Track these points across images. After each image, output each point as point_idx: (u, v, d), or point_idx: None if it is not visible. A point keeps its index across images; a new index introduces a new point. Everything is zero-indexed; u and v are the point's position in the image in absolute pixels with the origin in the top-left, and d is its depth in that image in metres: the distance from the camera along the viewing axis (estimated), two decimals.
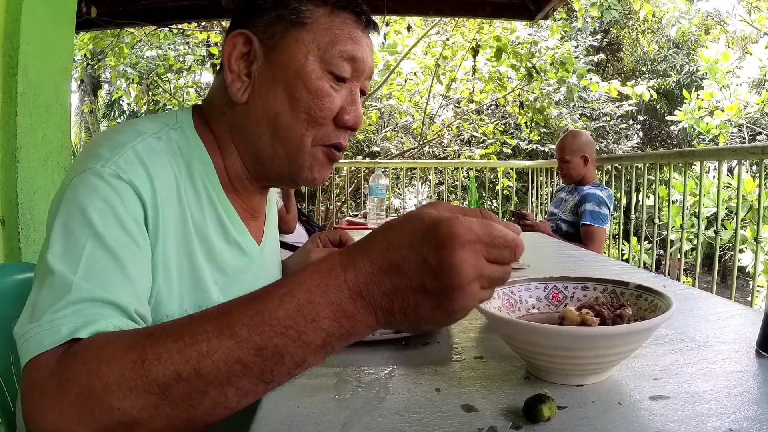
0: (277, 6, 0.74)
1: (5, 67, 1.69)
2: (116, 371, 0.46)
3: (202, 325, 0.47)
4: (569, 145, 3.03)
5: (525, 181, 6.83)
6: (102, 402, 0.46)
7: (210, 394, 0.47)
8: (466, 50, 6.93)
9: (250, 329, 0.46)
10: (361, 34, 0.76)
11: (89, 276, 0.56)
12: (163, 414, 0.46)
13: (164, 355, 0.46)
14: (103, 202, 0.61)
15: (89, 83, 11.00)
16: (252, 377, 0.47)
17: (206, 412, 0.47)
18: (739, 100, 7.10)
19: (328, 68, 0.74)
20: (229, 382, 0.46)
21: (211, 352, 0.46)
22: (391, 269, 0.47)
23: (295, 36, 0.73)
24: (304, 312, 0.46)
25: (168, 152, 0.71)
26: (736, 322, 0.88)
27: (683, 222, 2.99)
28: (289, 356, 0.47)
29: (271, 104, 0.74)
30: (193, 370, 0.46)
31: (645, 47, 11.51)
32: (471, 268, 0.45)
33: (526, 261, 1.64)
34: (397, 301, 0.47)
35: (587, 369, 0.62)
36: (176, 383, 0.46)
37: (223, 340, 0.46)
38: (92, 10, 3.89)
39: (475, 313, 0.90)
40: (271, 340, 0.46)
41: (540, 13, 4.40)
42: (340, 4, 0.75)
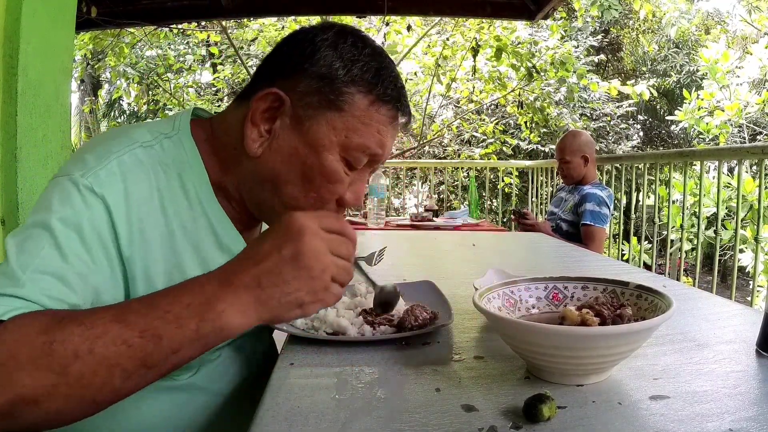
0: (322, 79, 0.72)
1: (5, 67, 1.69)
2: (28, 351, 0.51)
3: (102, 313, 0.55)
4: (569, 145, 3.03)
5: (525, 180, 6.83)
6: (13, 378, 0.50)
7: (100, 373, 0.52)
8: (466, 50, 6.93)
9: (138, 315, 0.54)
10: (390, 130, 0.76)
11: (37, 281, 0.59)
12: (61, 392, 0.51)
13: (67, 338, 0.52)
14: (70, 210, 0.64)
15: (89, 83, 11.00)
16: (135, 359, 0.53)
17: (96, 391, 0.53)
18: (739, 100, 7.10)
19: (346, 157, 0.74)
20: (116, 362, 0.52)
21: (103, 334, 0.52)
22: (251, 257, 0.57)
23: (328, 117, 0.72)
24: (179, 298, 0.55)
25: (157, 163, 0.72)
26: (736, 322, 0.88)
27: (683, 222, 2.99)
28: (167, 339, 0.53)
29: (283, 171, 0.74)
30: (87, 350, 0.52)
31: (645, 47, 11.51)
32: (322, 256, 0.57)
33: (527, 261, 1.64)
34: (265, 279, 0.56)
35: (587, 369, 0.62)
36: (73, 362, 0.51)
37: (114, 325, 0.53)
38: (92, 10, 3.89)
39: (475, 313, 0.90)
40: (152, 322, 0.53)
41: (540, 13, 4.40)
42: (383, 98, 0.74)
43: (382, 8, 4.31)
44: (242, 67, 7.93)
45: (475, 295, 0.70)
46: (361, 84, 0.73)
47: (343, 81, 0.72)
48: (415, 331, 0.79)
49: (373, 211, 3.24)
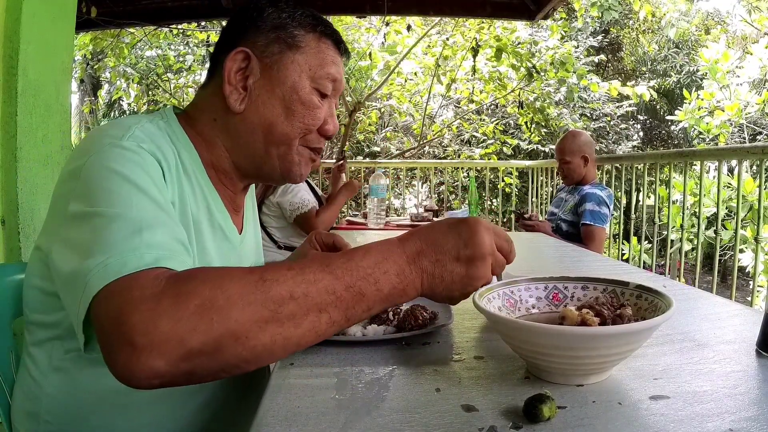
0: (276, 29, 0.84)
1: (5, 67, 1.69)
2: (239, 287, 0.53)
3: (308, 263, 0.59)
4: (569, 145, 3.03)
5: (525, 180, 6.83)
6: (222, 312, 0.52)
7: (310, 316, 0.56)
8: (466, 50, 6.93)
9: (344, 270, 0.59)
10: (339, 59, 0.89)
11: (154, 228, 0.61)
12: (270, 331, 0.54)
13: (281, 279, 0.55)
14: (134, 165, 0.67)
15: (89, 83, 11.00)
16: (340, 309, 0.58)
17: (302, 334, 0.56)
18: (739, 100, 7.09)
19: (316, 86, 0.85)
20: (325, 308, 0.57)
21: (316, 281, 0.57)
22: (435, 243, 0.64)
23: (291, 57, 0.83)
24: (379, 265, 0.61)
25: (165, 134, 0.79)
26: (736, 322, 0.88)
27: (683, 222, 2.99)
28: (367, 298, 0.60)
29: (267, 114, 0.83)
30: (303, 293, 0.56)
31: (645, 47, 11.51)
32: (489, 243, 0.65)
33: (527, 261, 1.64)
34: (439, 267, 0.64)
35: (587, 369, 0.62)
36: (288, 302, 0.55)
37: (325, 274, 0.58)
38: (92, 10, 3.89)
39: (475, 313, 0.90)
40: (357, 281, 0.59)
41: (540, 13, 4.40)
42: (325, 32, 0.87)
43: (382, 8, 4.31)
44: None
45: (475, 295, 0.70)
46: (306, 25, 0.85)
47: (293, 25, 0.84)
48: (415, 331, 0.79)
49: (374, 212, 3.24)
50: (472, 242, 0.64)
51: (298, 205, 2.65)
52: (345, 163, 3.34)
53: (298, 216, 2.64)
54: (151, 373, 0.50)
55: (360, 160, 8.02)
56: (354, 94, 7.55)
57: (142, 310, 0.51)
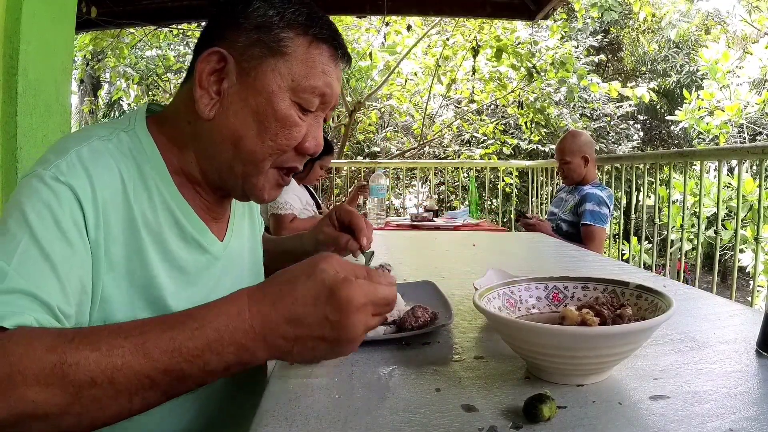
0: (259, 29, 0.73)
1: (5, 67, 1.69)
2: (36, 368, 0.50)
3: (120, 341, 0.52)
4: (569, 146, 3.03)
5: (525, 180, 6.83)
6: (19, 392, 0.49)
7: (119, 400, 0.52)
8: (466, 50, 6.93)
9: (162, 353, 0.52)
10: (333, 69, 0.77)
11: (20, 270, 0.59)
12: (73, 411, 0.51)
13: (82, 362, 0.51)
14: (41, 204, 0.64)
15: (89, 83, 10.99)
16: (157, 391, 0.53)
17: (112, 414, 0.53)
18: (739, 100, 7.10)
19: (297, 100, 0.75)
20: (137, 393, 0.52)
21: (124, 367, 0.51)
22: (295, 320, 0.55)
23: (272, 64, 0.73)
24: (211, 347, 0.54)
25: (116, 154, 0.72)
26: (736, 322, 0.88)
27: (683, 222, 2.99)
28: (192, 379, 0.54)
29: (237, 126, 0.74)
30: (107, 379, 0.51)
31: (645, 47, 11.51)
32: (362, 325, 0.56)
33: (527, 261, 1.64)
34: (297, 346, 0.56)
35: (587, 369, 0.62)
36: (90, 388, 0.50)
37: (137, 358, 0.52)
38: (92, 10, 3.89)
39: (475, 313, 0.90)
40: (179, 365, 0.53)
41: (540, 13, 4.40)
42: (320, 37, 0.75)
43: (382, 8, 4.31)
44: None
45: (475, 295, 0.70)
46: (297, 26, 0.74)
47: (279, 26, 0.73)
48: (415, 331, 0.79)
49: (374, 211, 3.24)
50: (342, 326, 0.55)
51: (280, 205, 2.65)
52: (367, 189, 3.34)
53: (273, 214, 2.65)
54: None
55: (360, 160, 8.03)
56: (354, 94, 7.55)
57: None
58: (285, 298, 0.56)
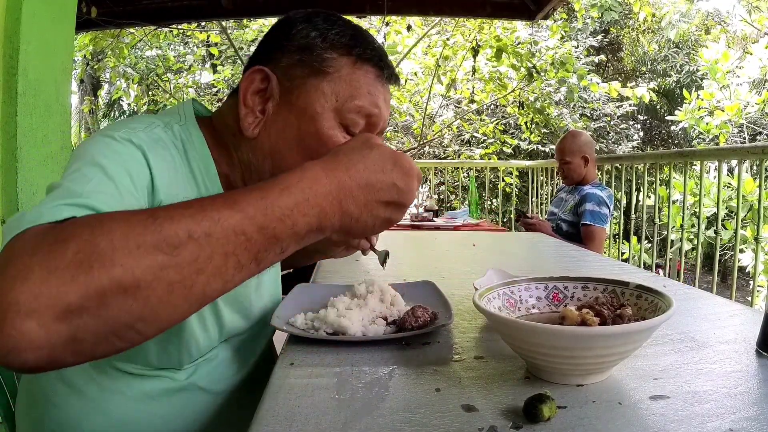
0: (302, 50, 0.74)
1: (5, 67, 1.69)
2: (125, 227, 0.45)
3: (211, 200, 0.50)
4: (569, 146, 3.03)
5: (525, 180, 6.83)
6: (105, 258, 0.43)
7: (215, 260, 0.48)
8: (466, 50, 6.93)
9: (256, 210, 0.50)
10: (380, 89, 0.77)
11: (96, 194, 0.58)
12: (166, 278, 0.45)
13: (176, 217, 0.47)
14: (114, 153, 0.64)
15: (89, 83, 11.00)
16: (250, 252, 0.50)
17: (206, 281, 0.48)
18: (739, 100, 7.10)
19: (342, 121, 0.74)
20: (233, 251, 0.49)
21: (222, 220, 0.48)
22: (367, 186, 0.59)
23: (315, 84, 0.73)
24: (299, 207, 0.53)
25: (172, 144, 0.73)
26: (736, 322, 0.88)
27: (683, 222, 2.99)
28: (281, 241, 0.53)
29: (280, 144, 0.75)
30: (204, 232, 0.47)
31: (645, 47, 11.51)
32: (415, 192, 0.63)
33: (527, 261, 1.64)
34: (365, 212, 0.59)
35: (587, 369, 0.62)
36: (186, 242, 0.46)
37: (232, 212, 0.49)
38: (92, 10, 3.89)
39: (475, 313, 0.90)
40: (272, 223, 0.51)
41: (540, 13, 4.40)
42: (364, 57, 0.75)
43: (382, 8, 4.31)
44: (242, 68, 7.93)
45: (475, 295, 0.70)
46: (340, 47, 0.75)
47: (322, 47, 0.74)
48: (415, 331, 0.79)
49: None
50: (407, 190, 0.61)
51: None
52: None
53: None
54: (25, 341, 0.41)
55: None
56: None
57: (16, 265, 0.42)
58: (357, 165, 0.59)
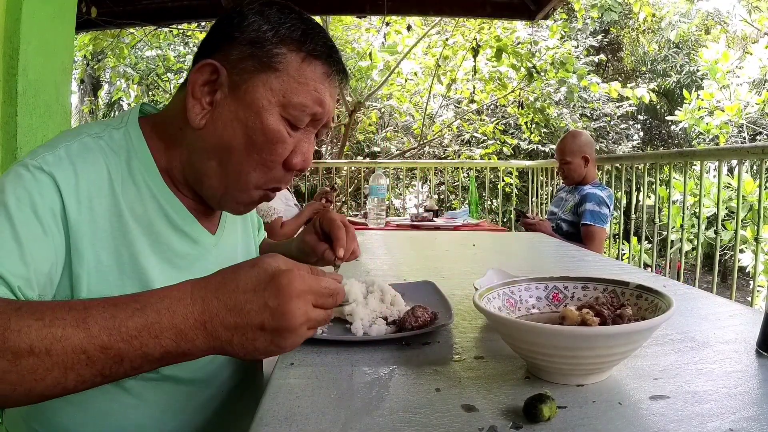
0: (253, 44, 0.74)
1: (5, 67, 1.69)
2: None
3: (63, 313, 0.52)
4: (569, 146, 3.03)
5: (525, 180, 6.83)
6: None
7: (54, 373, 0.51)
8: (466, 50, 6.93)
9: (101, 329, 0.52)
10: (327, 86, 0.77)
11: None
12: (8, 380, 0.50)
13: (24, 329, 0.50)
14: (22, 189, 0.66)
15: (89, 83, 10.99)
16: (93, 369, 0.52)
17: (46, 387, 0.51)
18: (739, 100, 7.10)
19: (287, 116, 0.74)
20: (72, 367, 0.51)
21: (63, 339, 0.51)
22: (235, 308, 0.55)
23: (263, 79, 0.73)
24: (150, 329, 0.53)
25: (105, 150, 0.74)
26: (736, 322, 0.88)
27: (683, 222, 2.99)
28: (129, 360, 0.53)
29: (226, 137, 0.74)
30: (45, 348, 0.50)
31: (645, 47, 11.51)
32: (302, 314, 0.56)
33: (527, 261, 1.64)
34: (237, 335, 0.55)
35: (587, 369, 0.62)
36: (27, 356, 0.50)
37: (77, 331, 0.51)
38: (92, 10, 3.89)
39: (475, 313, 0.90)
40: (117, 344, 0.52)
41: (540, 13, 4.41)
42: (314, 53, 0.75)
43: (382, 8, 4.31)
44: None
45: (475, 295, 0.70)
46: (291, 43, 0.74)
47: (273, 42, 0.74)
48: (415, 331, 0.79)
49: (374, 212, 3.24)
50: (280, 313, 0.55)
51: (263, 212, 2.60)
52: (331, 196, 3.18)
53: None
54: None
55: (360, 160, 8.03)
56: (354, 94, 7.55)
57: None
58: (227, 285, 0.56)
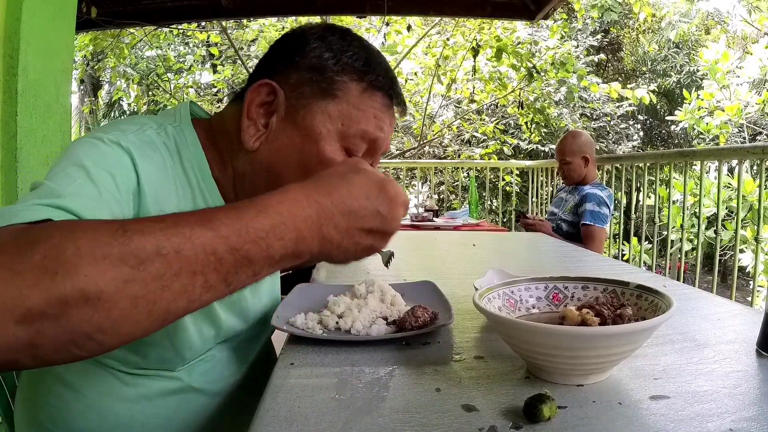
0: (314, 70, 0.73)
1: (5, 67, 1.69)
2: (92, 237, 0.44)
3: (184, 216, 0.49)
4: (569, 146, 3.03)
5: (525, 180, 6.83)
6: (69, 265, 0.42)
7: (182, 278, 0.46)
8: (466, 50, 6.93)
9: (229, 230, 0.49)
10: (386, 116, 0.76)
11: (75, 198, 0.58)
12: (130, 291, 0.44)
13: (146, 230, 0.46)
14: (100, 156, 0.65)
15: (89, 83, 11.00)
16: (220, 273, 0.49)
17: (171, 298, 0.46)
18: (739, 100, 7.10)
19: (346, 144, 0.74)
20: (201, 270, 0.47)
21: (193, 237, 0.47)
22: (349, 213, 0.57)
23: (322, 105, 0.73)
24: (275, 230, 0.52)
25: (164, 146, 0.73)
26: (736, 322, 0.88)
27: (683, 222, 2.99)
28: (254, 264, 0.51)
29: (280, 163, 0.73)
30: (173, 249, 0.46)
31: (645, 47, 11.51)
32: (400, 220, 0.62)
33: (527, 261, 1.64)
34: (347, 239, 0.58)
35: (587, 369, 0.62)
36: (154, 257, 0.45)
37: (205, 230, 0.48)
38: (92, 10, 3.89)
39: (475, 313, 0.90)
40: (245, 245, 0.50)
41: (540, 13, 4.40)
42: (376, 84, 0.74)
43: (382, 8, 4.31)
44: (242, 68, 7.94)
45: (475, 295, 0.70)
46: (353, 72, 0.74)
47: (334, 70, 0.73)
48: (415, 331, 0.79)
49: None
50: (391, 218, 0.60)
51: None
52: None
53: None
54: None
55: None
56: None
57: None
58: (339, 191, 0.57)
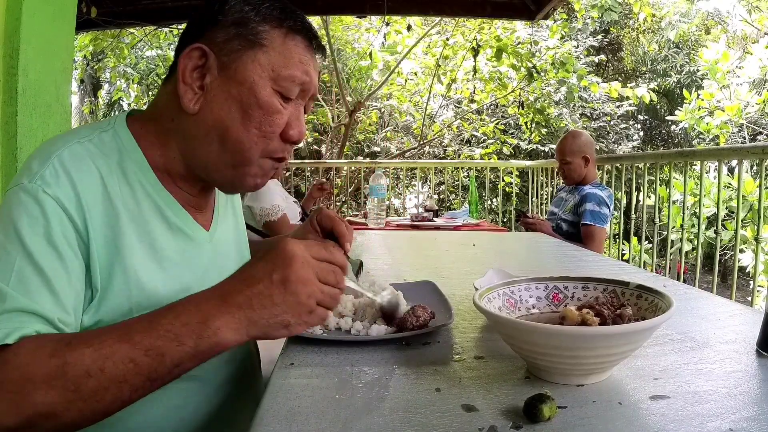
0: (237, 25, 0.77)
1: (5, 67, 1.69)
2: (42, 373, 0.57)
3: (108, 334, 0.60)
4: (569, 146, 3.03)
5: (525, 180, 6.83)
6: (29, 398, 0.57)
7: (111, 389, 0.58)
8: (466, 50, 6.93)
9: (142, 334, 0.60)
10: (309, 58, 0.81)
11: (18, 289, 0.63)
12: (75, 406, 0.58)
13: (78, 359, 0.58)
14: (31, 219, 0.67)
15: (89, 83, 10.99)
16: (142, 375, 0.59)
17: (108, 404, 0.59)
18: (739, 100, 7.10)
19: (278, 89, 0.78)
20: (125, 379, 0.59)
21: (112, 355, 0.58)
22: (243, 279, 0.63)
23: (251, 56, 0.77)
24: (180, 317, 0.61)
25: (95, 154, 0.75)
26: (736, 322, 0.88)
27: (683, 222, 2.99)
28: (169, 356, 0.60)
29: (223, 117, 0.77)
30: (99, 369, 0.58)
31: (645, 47, 11.50)
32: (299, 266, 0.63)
33: (527, 261, 1.64)
34: (256, 298, 0.62)
35: (587, 369, 0.62)
36: (86, 381, 0.57)
37: (121, 344, 0.59)
38: (92, 10, 3.89)
39: (475, 313, 0.90)
40: (156, 342, 0.59)
41: (540, 13, 4.41)
42: (294, 29, 0.79)
43: (382, 8, 4.31)
44: None
45: (476, 295, 0.70)
46: (272, 19, 0.78)
47: (256, 20, 0.78)
48: (415, 331, 0.79)
49: (374, 212, 3.24)
50: (282, 263, 0.63)
51: (268, 211, 2.58)
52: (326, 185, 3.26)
53: (267, 222, 2.58)
54: None
55: (360, 160, 8.02)
56: (354, 94, 7.55)
57: None
58: (241, 270, 0.65)
